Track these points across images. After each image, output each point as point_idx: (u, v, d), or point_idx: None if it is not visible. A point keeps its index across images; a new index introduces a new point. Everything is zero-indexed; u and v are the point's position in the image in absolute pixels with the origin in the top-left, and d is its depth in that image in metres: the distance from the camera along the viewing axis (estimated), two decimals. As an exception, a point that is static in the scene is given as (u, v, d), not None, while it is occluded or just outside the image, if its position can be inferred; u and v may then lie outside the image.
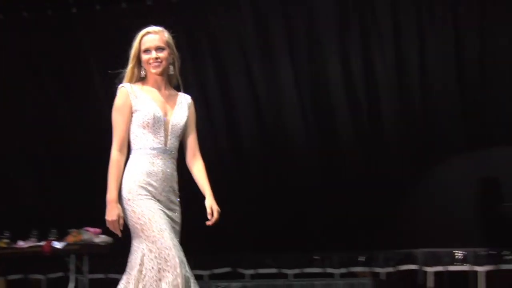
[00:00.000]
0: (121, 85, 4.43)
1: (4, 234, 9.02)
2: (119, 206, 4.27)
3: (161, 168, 4.32)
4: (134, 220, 4.25)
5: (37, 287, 10.40)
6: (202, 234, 9.38)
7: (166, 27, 4.65)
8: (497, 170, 8.71)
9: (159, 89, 4.41)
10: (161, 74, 4.37)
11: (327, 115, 9.64)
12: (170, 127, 4.37)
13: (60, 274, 9.81)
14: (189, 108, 4.52)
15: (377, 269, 9.41)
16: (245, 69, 9.67)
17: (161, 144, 4.33)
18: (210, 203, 4.50)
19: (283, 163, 9.80)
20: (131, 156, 4.43)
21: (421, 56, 9.07)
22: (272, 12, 9.44)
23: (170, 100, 4.44)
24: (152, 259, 4.20)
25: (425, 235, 8.93)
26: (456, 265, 8.87)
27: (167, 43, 4.36)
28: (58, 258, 8.99)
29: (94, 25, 9.90)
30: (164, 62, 4.33)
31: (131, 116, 4.36)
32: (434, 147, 9.18)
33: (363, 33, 9.25)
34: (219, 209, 4.52)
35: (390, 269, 9.35)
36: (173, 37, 4.49)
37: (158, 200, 4.34)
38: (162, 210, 4.33)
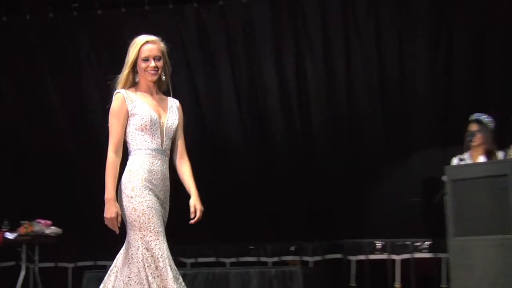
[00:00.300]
0: (117, 90, 4.41)
1: (-44, 225, 9.13)
2: (117, 204, 4.32)
3: (159, 168, 4.37)
4: (133, 217, 4.31)
5: (-10, 275, 10.50)
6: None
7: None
8: (414, 170, 9.14)
9: (151, 94, 4.42)
10: (156, 81, 4.42)
11: (263, 118, 9.98)
12: (165, 129, 4.38)
13: (12, 263, 9.79)
14: (178, 111, 4.52)
15: (306, 258, 9.72)
16: (188, 76, 9.90)
17: (158, 145, 4.35)
18: (194, 202, 4.64)
19: (222, 161, 10.06)
20: (130, 156, 4.43)
21: (347, 66, 9.49)
22: (213, 24, 9.72)
23: (162, 104, 4.45)
24: (147, 259, 4.29)
25: (349, 228, 9.27)
26: (376, 254, 9.25)
27: (162, 52, 4.40)
28: (10, 248, 9.14)
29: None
30: (160, 71, 4.37)
31: (127, 120, 4.35)
32: (359, 147, 9.55)
33: (296, 45, 9.61)
34: (202, 208, 4.67)
35: (318, 258, 9.69)
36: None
37: (158, 198, 4.42)
38: (160, 210, 4.42)
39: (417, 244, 9.04)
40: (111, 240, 9.96)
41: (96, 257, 10.21)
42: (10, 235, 8.87)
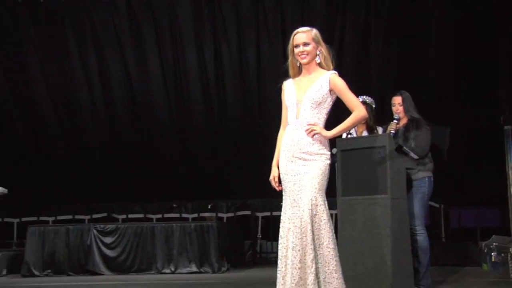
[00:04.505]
0: (284, 82, 4.35)
1: None
2: (276, 169, 4.22)
3: (292, 136, 4.21)
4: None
5: None
6: (85, 186, 9.82)
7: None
8: None
9: (308, 73, 4.28)
10: (308, 63, 4.26)
11: (186, 93, 9.98)
12: (302, 104, 4.21)
13: None
14: (328, 83, 4.21)
15: (221, 215, 9.91)
16: (120, 57, 9.87)
17: (294, 119, 4.20)
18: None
19: (148, 130, 10.12)
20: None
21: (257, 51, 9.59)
22: (142, 13, 9.68)
23: (309, 82, 4.25)
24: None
25: (256, 189, 9.42)
26: (279, 211, 9.46)
27: (313, 39, 4.24)
28: None
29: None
30: (309, 55, 4.23)
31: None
32: (268, 122, 9.45)
33: (214, 32, 9.69)
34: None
35: (231, 215, 9.90)
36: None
37: (288, 165, 4.23)
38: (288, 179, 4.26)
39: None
40: (52, 198, 9.97)
41: (38, 213, 10.12)
42: (-38, 194, 8.69)
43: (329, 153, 4.20)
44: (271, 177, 4.27)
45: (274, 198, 9.18)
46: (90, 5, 9.62)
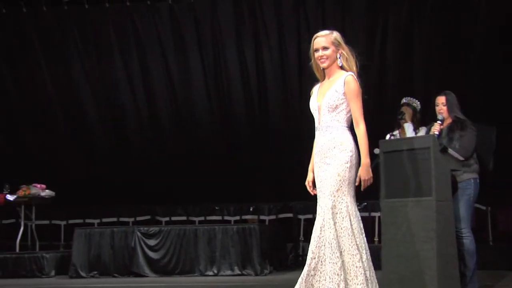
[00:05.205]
0: (313, 87, 4.31)
1: (-35, 188, 9.14)
2: (311, 174, 4.21)
3: (319, 142, 4.18)
4: None
5: (-6, 231, 10.51)
6: (129, 188, 9.94)
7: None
8: None
9: (328, 77, 4.21)
10: (327, 67, 4.18)
11: (226, 98, 10.06)
12: (322, 108, 4.14)
13: (12, 220, 9.86)
14: (344, 85, 4.11)
15: (263, 217, 9.84)
16: (163, 61, 9.92)
17: (317, 124, 4.16)
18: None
19: (191, 133, 10.12)
20: None
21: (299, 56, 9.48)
22: (184, 18, 9.73)
23: (328, 85, 4.18)
24: None
25: (299, 192, 9.43)
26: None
27: (332, 43, 4.16)
28: (10, 208, 9.17)
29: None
30: (328, 59, 4.15)
31: None
32: (309, 121, 9.61)
33: (255, 35, 9.68)
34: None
35: (273, 217, 9.82)
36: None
37: (317, 170, 4.21)
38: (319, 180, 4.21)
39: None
40: (98, 201, 10.10)
41: (84, 216, 10.25)
42: (10, 197, 8.90)
43: (350, 154, 4.05)
44: (306, 182, 4.24)
45: (316, 200, 9.38)
46: (134, 11, 9.70)
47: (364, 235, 4.05)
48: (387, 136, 6.38)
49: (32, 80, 10.34)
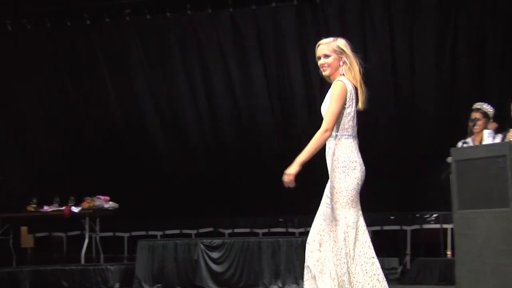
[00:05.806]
0: None
1: (33, 200, 9.31)
2: None
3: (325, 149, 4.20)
4: None
5: (59, 243, 10.70)
6: (192, 200, 9.89)
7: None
8: (424, 152, 8.96)
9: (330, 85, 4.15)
10: (329, 75, 4.13)
11: (291, 104, 9.94)
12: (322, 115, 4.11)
13: (77, 232, 9.97)
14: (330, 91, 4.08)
15: None
16: (224, 69, 9.87)
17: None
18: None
19: (253, 143, 10.05)
20: None
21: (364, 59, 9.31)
22: (246, 22, 9.62)
23: (328, 93, 4.14)
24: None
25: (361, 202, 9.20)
26: (389, 225, 9.20)
27: (334, 50, 4.08)
28: (75, 220, 9.26)
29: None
30: (329, 67, 4.09)
31: None
32: (376, 128, 9.30)
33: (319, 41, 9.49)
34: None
35: None
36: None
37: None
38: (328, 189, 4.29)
39: (426, 216, 8.95)
40: (160, 213, 10.09)
41: (148, 228, 10.25)
42: (75, 209, 8.98)
43: (343, 164, 4.06)
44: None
45: (380, 211, 9.08)
46: (195, 18, 9.65)
47: (365, 247, 3.99)
48: (459, 144, 6.08)
49: (97, 94, 10.44)
